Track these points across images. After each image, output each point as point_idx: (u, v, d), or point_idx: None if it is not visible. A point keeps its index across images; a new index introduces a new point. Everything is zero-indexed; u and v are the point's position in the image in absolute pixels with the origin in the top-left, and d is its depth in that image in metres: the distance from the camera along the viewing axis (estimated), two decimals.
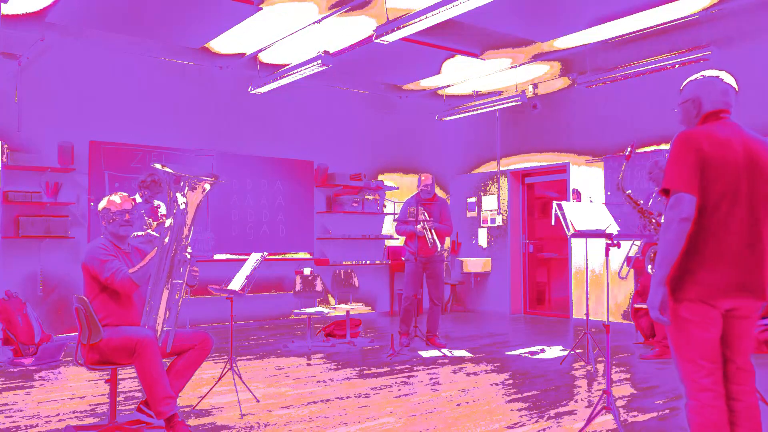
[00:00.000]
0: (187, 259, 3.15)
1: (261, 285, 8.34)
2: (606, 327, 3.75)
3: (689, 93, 2.53)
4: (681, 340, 2.41)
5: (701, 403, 2.37)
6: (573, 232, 4.85)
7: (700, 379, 2.37)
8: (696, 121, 2.52)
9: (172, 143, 7.79)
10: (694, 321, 2.36)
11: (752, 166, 2.38)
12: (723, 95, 2.47)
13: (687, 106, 2.54)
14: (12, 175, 6.71)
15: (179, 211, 3.04)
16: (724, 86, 2.48)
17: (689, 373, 2.40)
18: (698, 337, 2.36)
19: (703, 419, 2.36)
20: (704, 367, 2.37)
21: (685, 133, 2.38)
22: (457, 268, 10.13)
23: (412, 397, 4.42)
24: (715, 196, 2.32)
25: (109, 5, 6.11)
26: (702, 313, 2.35)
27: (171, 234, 3.07)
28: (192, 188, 3.08)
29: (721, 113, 2.47)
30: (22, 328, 5.77)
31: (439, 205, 6.45)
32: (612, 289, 7.96)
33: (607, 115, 8.32)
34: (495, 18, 6.39)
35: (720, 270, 2.33)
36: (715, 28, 6.65)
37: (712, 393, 2.36)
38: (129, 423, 3.56)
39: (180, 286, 3.14)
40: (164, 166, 3.07)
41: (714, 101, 2.47)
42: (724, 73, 2.52)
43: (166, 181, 3.12)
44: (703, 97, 2.49)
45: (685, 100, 2.55)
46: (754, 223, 2.37)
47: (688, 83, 2.56)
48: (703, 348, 2.37)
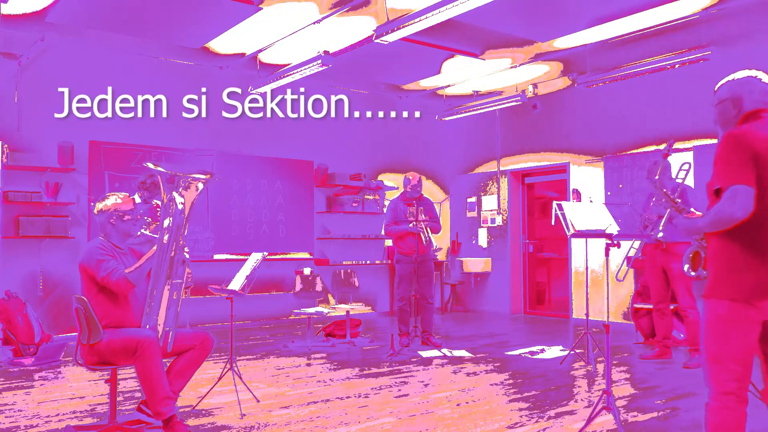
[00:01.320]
0: (186, 259, 3.15)
1: (261, 285, 8.34)
2: (606, 327, 3.75)
3: (728, 92, 2.49)
4: (715, 339, 2.35)
5: (722, 405, 2.33)
6: (573, 232, 4.85)
7: (726, 382, 2.32)
8: (735, 120, 2.47)
9: (172, 143, 7.79)
10: (733, 322, 2.31)
11: None
12: (763, 95, 2.43)
13: (726, 106, 2.49)
14: (12, 175, 6.71)
15: (177, 210, 3.04)
16: (764, 86, 2.45)
17: (716, 375, 2.35)
18: (734, 340, 2.31)
19: (721, 421, 2.32)
20: (733, 371, 2.32)
21: (735, 132, 2.33)
22: (457, 268, 10.13)
23: (412, 397, 4.42)
24: (761, 194, 2.27)
25: (109, 5, 6.11)
26: (743, 314, 2.30)
27: (170, 234, 3.07)
28: (186, 187, 3.07)
29: (761, 112, 2.42)
30: (22, 328, 5.77)
31: (427, 204, 6.45)
32: (612, 289, 7.96)
33: (607, 115, 8.32)
34: (495, 18, 6.39)
35: (765, 268, 2.28)
36: (715, 28, 6.64)
37: (736, 397, 2.32)
38: (129, 423, 3.56)
39: (180, 285, 3.13)
40: (157, 166, 3.05)
41: (755, 100, 2.43)
42: (762, 72, 2.48)
43: (160, 180, 3.10)
44: (744, 96, 2.44)
45: (722, 100, 2.50)
46: None
47: (726, 83, 2.52)
48: (737, 351, 2.31)
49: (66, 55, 7.20)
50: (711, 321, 2.37)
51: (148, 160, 4.00)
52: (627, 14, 6.32)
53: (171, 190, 3.05)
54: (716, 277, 2.37)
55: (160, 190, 3.11)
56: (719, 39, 6.77)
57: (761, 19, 6.53)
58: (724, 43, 6.85)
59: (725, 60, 6.98)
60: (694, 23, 6.57)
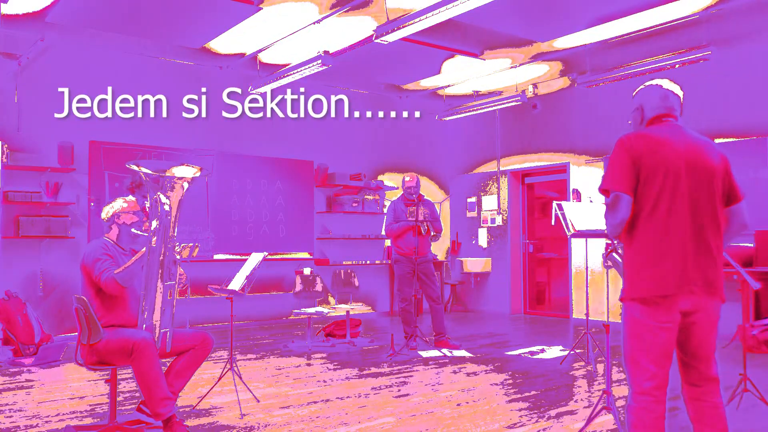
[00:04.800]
0: (176, 259, 3.13)
1: (261, 285, 8.34)
2: (606, 327, 3.75)
3: (635, 102, 2.65)
4: (630, 341, 2.42)
5: (640, 406, 2.38)
6: (573, 232, 4.85)
7: (642, 383, 2.38)
8: (642, 127, 2.60)
9: (172, 143, 7.79)
10: (644, 323, 2.36)
11: (693, 165, 2.41)
12: (662, 100, 2.55)
13: (635, 115, 2.65)
14: (12, 175, 6.71)
15: (163, 212, 3.02)
16: (663, 92, 2.56)
17: (633, 375, 2.41)
18: (647, 340, 2.36)
19: (638, 421, 2.38)
20: (648, 370, 2.37)
21: (621, 137, 2.45)
22: (457, 268, 10.13)
23: (412, 397, 4.42)
24: (654, 194, 2.37)
25: (109, 5, 6.11)
26: (653, 315, 2.35)
27: (158, 236, 3.05)
28: (171, 188, 3.05)
29: (663, 117, 2.54)
30: (22, 328, 5.77)
31: (428, 205, 6.43)
32: (612, 289, 7.96)
33: (607, 115, 8.32)
34: (495, 18, 6.39)
35: (664, 267, 2.34)
36: (715, 28, 6.64)
37: (652, 398, 2.37)
38: (129, 423, 3.56)
39: (173, 286, 3.12)
40: (140, 167, 3.04)
41: (654, 107, 2.56)
42: (666, 80, 2.62)
43: (145, 181, 3.08)
44: (644, 104, 2.59)
45: (633, 109, 2.65)
46: (697, 220, 2.38)
47: (636, 93, 2.66)
48: (651, 352, 2.36)
49: (66, 55, 7.20)
50: (626, 322, 2.43)
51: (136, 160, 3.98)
52: (627, 14, 6.32)
53: (156, 191, 3.03)
54: (626, 279, 2.43)
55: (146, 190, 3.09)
56: (719, 39, 6.77)
57: (761, 19, 6.53)
58: (724, 43, 6.84)
59: (725, 60, 6.99)
60: (694, 23, 6.57)
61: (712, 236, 2.40)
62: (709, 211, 2.41)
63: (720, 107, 6.93)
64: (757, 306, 6.44)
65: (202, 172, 3.14)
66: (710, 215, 2.41)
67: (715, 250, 2.40)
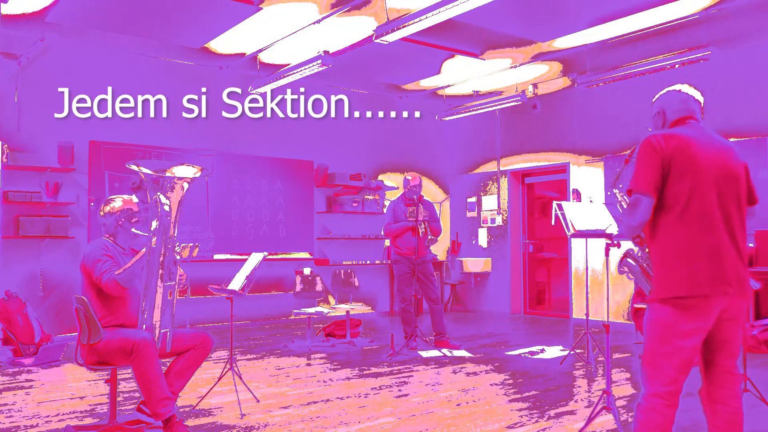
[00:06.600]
0: (177, 259, 3.13)
1: (261, 285, 8.34)
2: (606, 327, 3.76)
3: (655, 107, 2.66)
4: (653, 342, 2.39)
5: (651, 407, 2.36)
6: (573, 232, 4.85)
7: (659, 386, 2.36)
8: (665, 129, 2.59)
9: (172, 143, 7.79)
10: (674, 327, 2.33)
11: (721, 165, 2.42)
12: (684, 104, 2.57)
13: (656, 120, 2.66)
14: (12, 175, 6.71)
15: (163, 212, 3.02)
16: (684, 96, 2.59)
17: (650, 377, 2.39)
18: (674, 345, 2.33)
19: (647, 421, 2.36)
20: (669, 376, 2.34)
21: (648, 137, 2.45)
22: (457, 268, 10.13)
23: (411, 397, 4.42)
24: (685, 193, 2.35)
25: (108, 5, 6.10)
26: (685, 319, 2.32)
27: (158, 236, 3.05)
28: (171, 188, 3.06)
29: (685, 119, 2.55)
30: (22, 328, 5.77)
31: (428, 206, 6.43)
32: (612, 289, 7.96)
33: (607, 115, 8.32)
34: (495, 18, 6.39)
35: (699, 266, 2.31)
36: (715, 28, 6.64)
37: (665, 401, 2.35)
38: (129, 423, 3.56)
39: (173, 287, 3.12)
40: (140, 167, 3.04)
41: (675, 110, 2.57)
42: (686, 85, 2.64)
43: (145, 181, 3.09)
44: (666, 108, 2.60)
45: (653, 114, 2.66)
46: (726, 220, 2.38)
47: (656, 98, 2.67)
48: (675, 357, 2.34)
49: (66, 55, 7.20)
50: (653, 325, 2.40)
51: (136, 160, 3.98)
52: (627, 14, 6.32)
53: (156, 191, 3.03)
54: (657, 279, 2.40)
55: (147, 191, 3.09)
56: (719, 39, 6.77)
57: (761, 19, 6.53)
58: (724, 43, 6.84)
59: (725, 60, 6.99)
60: (694, 23, 6.57)
61: (741, 236, 2.41)
62: (736, 211, 2.41)
63: (720, 107, 6.92)
64: (757, 306, 6.45)
65: (202, 172, 3.14)
66: (738, 215, 2.41)
67: (743, 250, 2.40)
